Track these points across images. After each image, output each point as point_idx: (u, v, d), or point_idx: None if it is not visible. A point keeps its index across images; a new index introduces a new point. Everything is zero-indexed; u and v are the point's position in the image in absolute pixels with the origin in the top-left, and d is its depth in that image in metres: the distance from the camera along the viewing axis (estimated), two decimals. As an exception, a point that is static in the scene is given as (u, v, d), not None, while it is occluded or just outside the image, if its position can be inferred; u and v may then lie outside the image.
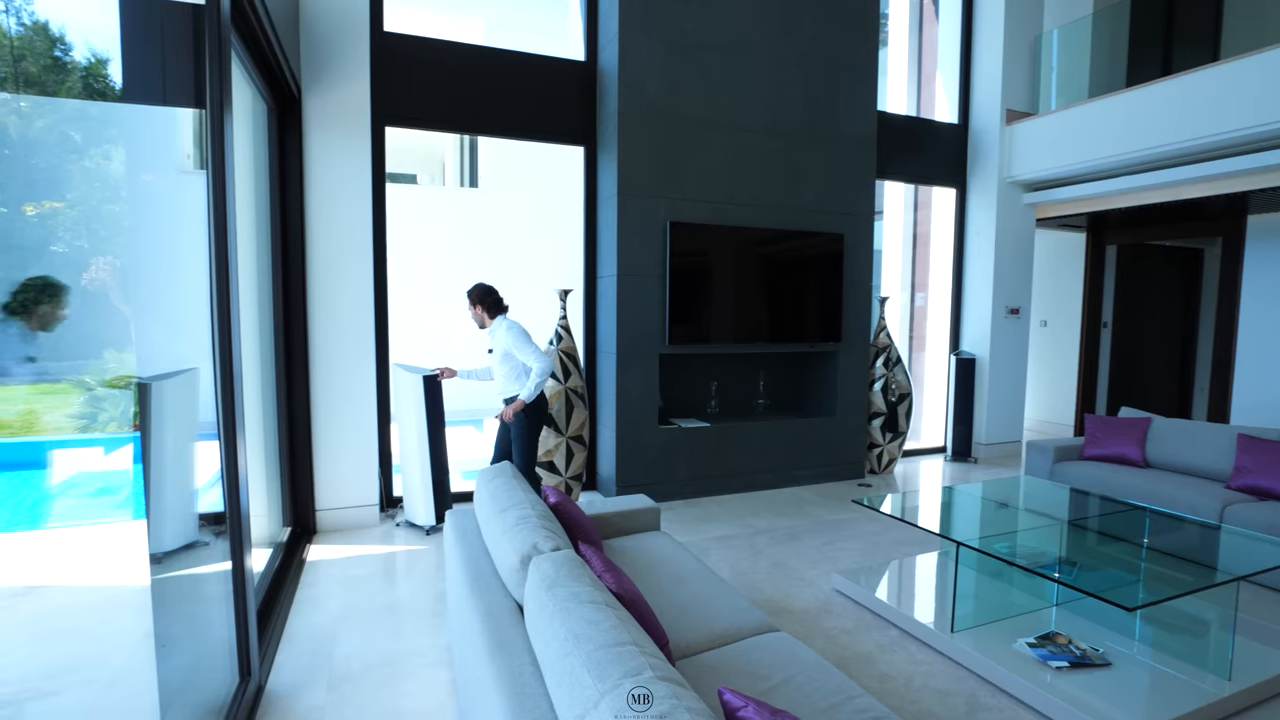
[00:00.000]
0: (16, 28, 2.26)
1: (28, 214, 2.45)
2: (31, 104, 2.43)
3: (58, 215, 2.53)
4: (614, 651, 1.20)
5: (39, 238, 2.49)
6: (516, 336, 3.79)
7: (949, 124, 6.40)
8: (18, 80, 2.31)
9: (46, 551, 3.41)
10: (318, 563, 3.64)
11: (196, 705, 2.19)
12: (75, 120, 2.61)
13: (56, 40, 2.38)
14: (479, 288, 3.94)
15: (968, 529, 3.24)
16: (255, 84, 3.36)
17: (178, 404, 2.38)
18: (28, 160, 2.47)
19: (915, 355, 7.16)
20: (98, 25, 2.39)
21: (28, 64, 2.32)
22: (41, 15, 2.29)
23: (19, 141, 2.43)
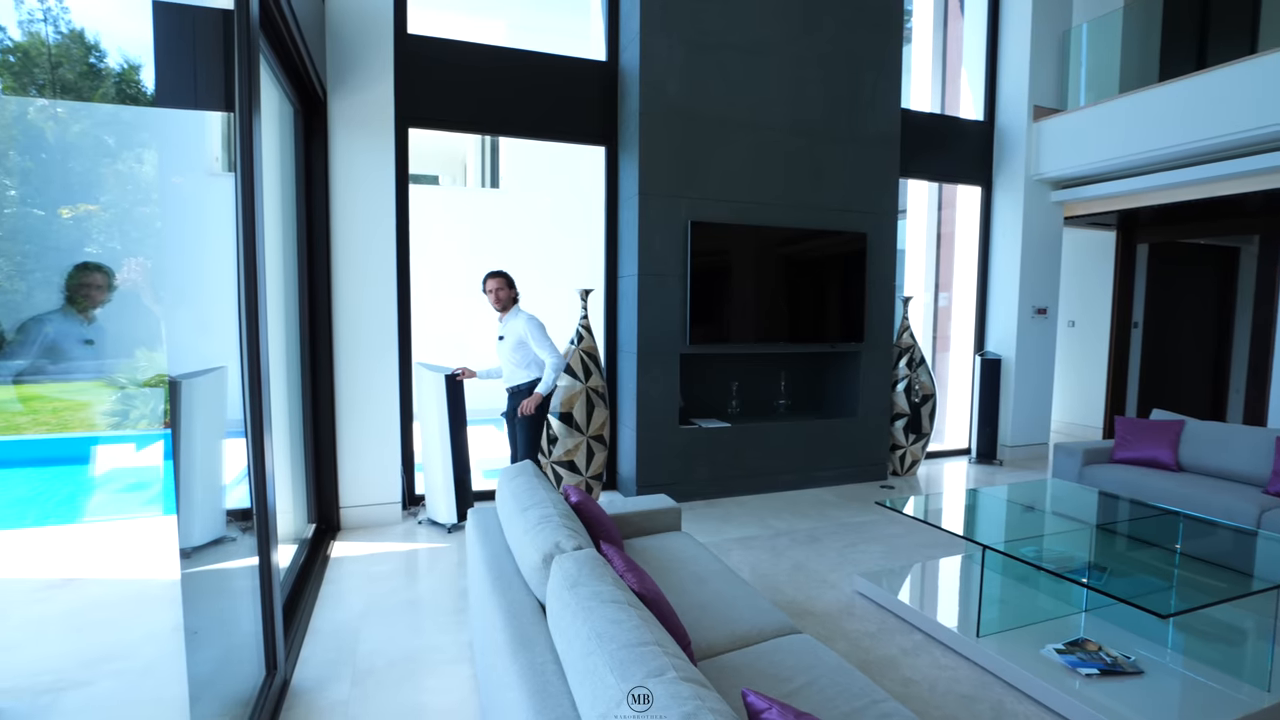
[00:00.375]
0: (54, 36, 2.31)
1: (64, 216, 2.52)
2: (68, 109, 2.49)
3: (92, 217, 2.59)
4: (637, 651, 1.20)
5: (74, 239, 2.55)
6: (535, 328, 3.90)
7: (974, 121, 6.30)
8: (55, 87, 2.37)
9: (82, 545, 3.50)
10: (342, 559, 3.69)
11: (224, 698, 2.23)
12: (109, 125, 2.67)
13: (91, 47, 2.44)
14: (508, 273, 4.06)
15: (993, 532, 3.20)
16: (282, 87, 3.41)
17: (207, 401, 2.42)
18: (64, 164, 2.53)
19: (939, 356, 7.07)
20: (131, 32, 2.45)
21: (64, 71, 2.37)
22: (77, 23, 2.34)
23: (56, 146, 2.49)
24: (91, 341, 2.22)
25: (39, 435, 3.34)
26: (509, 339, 3.98)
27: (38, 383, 2.63)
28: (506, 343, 4.00)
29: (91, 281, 2.20)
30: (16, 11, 2.22)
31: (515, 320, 3.97)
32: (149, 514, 4.06)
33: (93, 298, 2.19)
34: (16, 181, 2.38)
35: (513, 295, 4.03)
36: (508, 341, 3.99)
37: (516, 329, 3.95)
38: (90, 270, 2.21)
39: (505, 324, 4.02)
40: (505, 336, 4.00)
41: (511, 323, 3.98)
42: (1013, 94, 6.14)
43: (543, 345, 3.88)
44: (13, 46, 2.20)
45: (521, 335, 3.92)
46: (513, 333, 3.96)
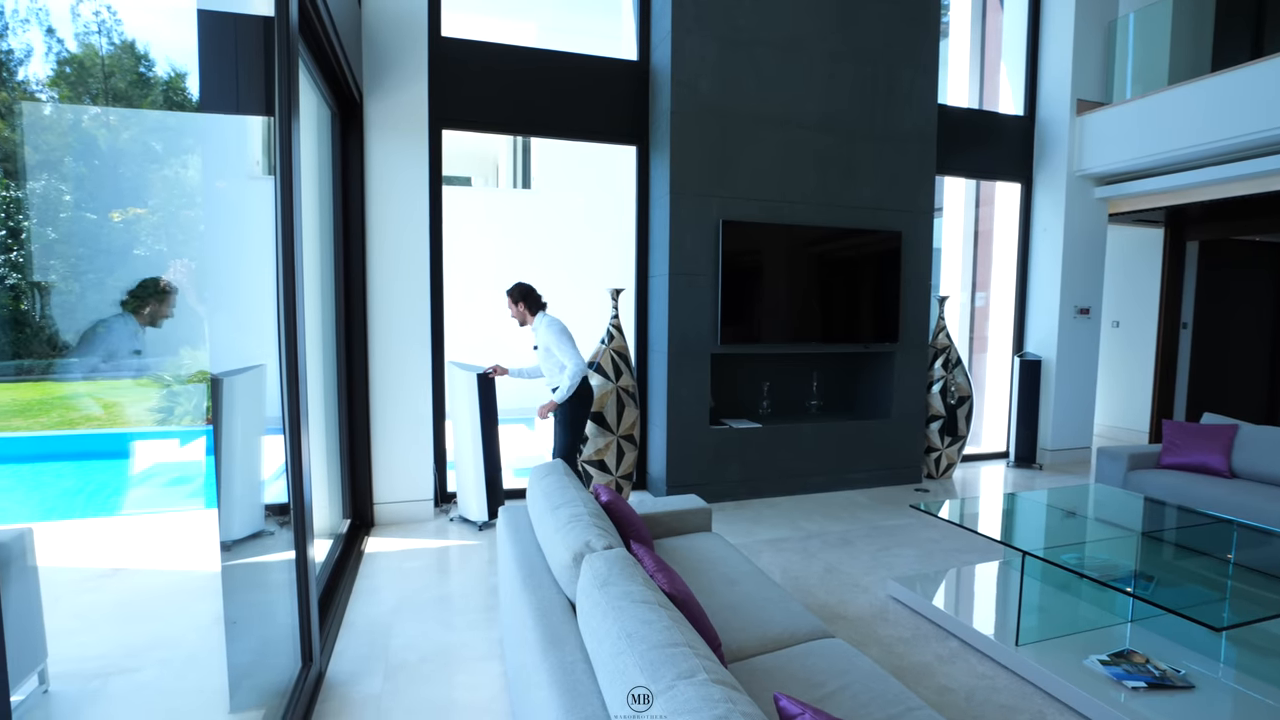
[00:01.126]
0: (107, 47, 2.39)
1: (114, 220, 2.60)
2: (119, 116, 2.57)
3: (140, 221, 2.67)
4: (667, 652, 1.19)
5: (124, 242, 2.63)
6: (556, 334, 3.92)
7: (1014, 116, 6.15)
8: (108, 95, 2.45)
9: (128, 536, 3.62)
10: (375, 554, 3.75)
11: (262, 688, 2.27)
12: (156, 131, 2.75)
13: (141, 57, 2.51)
14: (519, 287, 4.07)
15: (1032, 538, 3.11)
16: (320, 91, 3.48)
17: (247, 398, 2.48)
18: (115, 169, 2.61)
19: (976, 357, 6.91)
20: (177, 40, 2.52)
21: (116, 80, 2.44)
22: (128, 34, 2.41)
23: (108, 152, 2.57)
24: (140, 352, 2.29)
25: (89, 430, 3.46)
26: (540, 347, 4.04)
27: (90, 380, 2.72)
28: (540, 352, 4.06)
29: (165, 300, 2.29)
30: (74, 24, 2.30)
31: (539, 328, 4.02)
32: (192, 507, 4.18)
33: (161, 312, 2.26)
34: (71, 187, 2.46)
35: (524, 310, 4.04)
36: (540, 350, 4.05)
37: (542, 338, 4.00)
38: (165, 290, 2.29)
39: (535, 333, 4.07)
40: (538, 346, 4.06)
41: (539, 331, 4.03)
42: (1054, 87, 5.97)
43: (563, 350, 3.91)
44: (69, 58, 2.27)
45: (547, 343, 3.97)
46: (541, 341, 4.02)
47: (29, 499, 3.58)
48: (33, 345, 2.31)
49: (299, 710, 2.23)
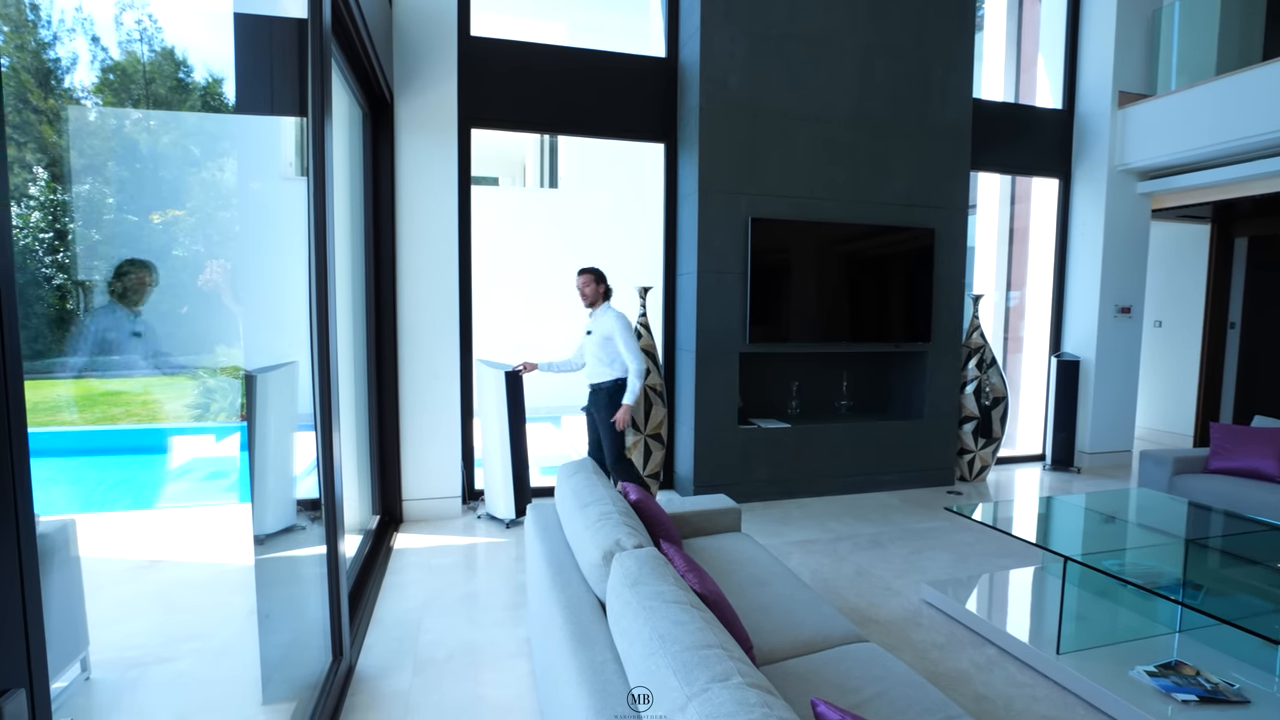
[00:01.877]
0: (148, 54, 2.43)
1: (154, 222, 2.65)
2: (159, 121, 2.62)
3: (179, 222, 2.72)
4: (701, 654, 1.16)
5: (163, 243, 2.68)
6: (624, 328, 3.92)
7: (1052, 110, 5.98)
8: (149, 101, 2.50)
9: (165, 529, 3.70)
10: (404, 550, 3.78)
11: (294, 681, 2.30)
12: (194, 135, 2.80)
13: (180, 63, 2.56)
14: (599, 270, 4.10)
15: (1070, 543, 3.00)
16: (352, 91, 3.51)
17: (280, 395, 2.50)
18: (155, 173, 2.67)
19: (1011, 357, 6.74)
20: (214, 45, 2.56)
21: (156, 86, 2.49)
22: (168, 42, 2.46)
23: (148, 156, 2.62)
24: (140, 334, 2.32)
25: (130, 426, 3.54)
26: (596, 334, 4.00)
27: (129, 376, 2.78)
28: (593, 338, 4.01)
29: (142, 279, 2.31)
30: (117, 33, 2.35)
31: (604, 316, 3.98)
32: (226, 501, 4.26)
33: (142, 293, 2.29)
34: (114, 190, 2.52)
35: (601, 291, 4.04)
36: (594, 337, 4.01)
37: (604, 325, 3.96)
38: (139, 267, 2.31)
39: (594, 319, 4.04)
40: (593, 331, 4.02)
41: (600, 319, 3.99)
42: (1095, 79, 5.80)
43: (629, 348, 3.89)
44: (113, 65, 2.32)
45: (609, 332, 3.93)
46: (600, 329, 3.98)
47: (73, 491, 3.68)
48: (78, 343, 2.36)
49: (330, 703, 2.25)
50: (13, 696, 0.64)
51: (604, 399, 4.00)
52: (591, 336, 4.03)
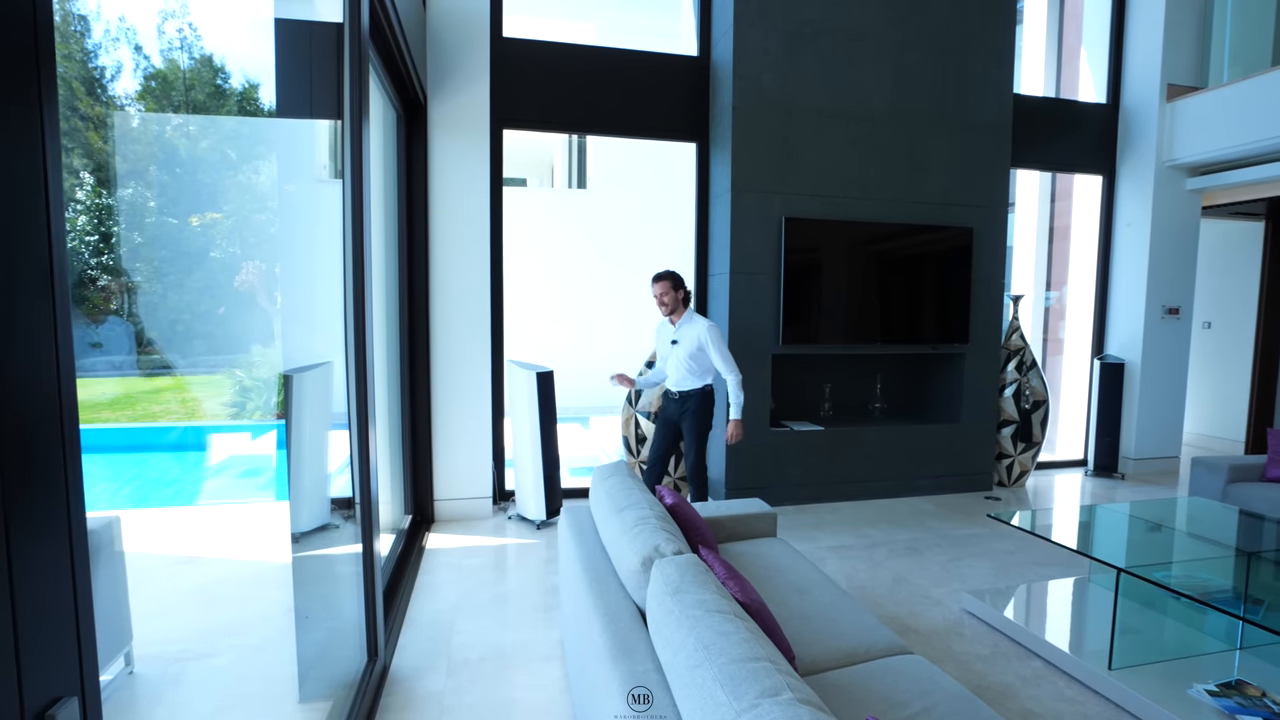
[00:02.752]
0: (187, 62, 2.47)
1: (193, 224, 2.69)
2: (198, 126, 2.66)
3: (216, 225, 2.76)
4: (749, 667, 1.13)
5: (201, 245, 2.72)
6: (717, 339, 3.70)
7: (1095, 104, 5.80)
8: (188, 107, 2.53)
9: (203, 526, 3.77)
10: (436, 550, 3.79)
11: (330, 680, 2.31)
12: (231, 139, 2.84)
13: (218, 69, 2.59)
14: (677, 275, 3.85)
15: (1116, 552, 2.89)
16: (387, 93, 3.54)
17: (315, 394, 2.52)
18: (194, 176, 2.71)
19: (1051, 359, 6.56)
20: (252, 51, 2.59)
21: (195, 92, 2.53)
22: (207, 49, 2.49)
23: (188, 160, 2.66)
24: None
25: (169, 423, 3.61)
26: (684, 344, 3.78)
27: (169, 375, 2.82)
28: (681, 348, 3.79)
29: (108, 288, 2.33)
30: (159, 41, 2.39)
31: (692, 325, 3.77)
32: (263, 499, 4.33)
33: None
34: (155, 193, 2.56)
35: (681, 297, 3.82)
36: (683, 347, 3.79)
37: (695, 335, 3.75)
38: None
39: (680, 329, 3.83)
40: (679, 342, 3.81)
41: (688, 328, 3.79)
42: (1142, 72, 5.61)
43: (725, 360, 3.68)
44: (154, 72, 2.35)
45: (701, 343, 3.72)
46: (689, 339, 3.76)
47: (116, 488, 3.76)
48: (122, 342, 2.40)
49: (365, 703, 2.25)
50: (65, 704, 0.63)
51: (694, 405, 3.79)
52: (679, 347, 3.80)
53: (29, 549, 0.60)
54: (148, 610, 2.61)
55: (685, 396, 3.82)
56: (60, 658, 0.65)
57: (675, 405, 3.87)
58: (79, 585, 0.68)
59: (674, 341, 3.83)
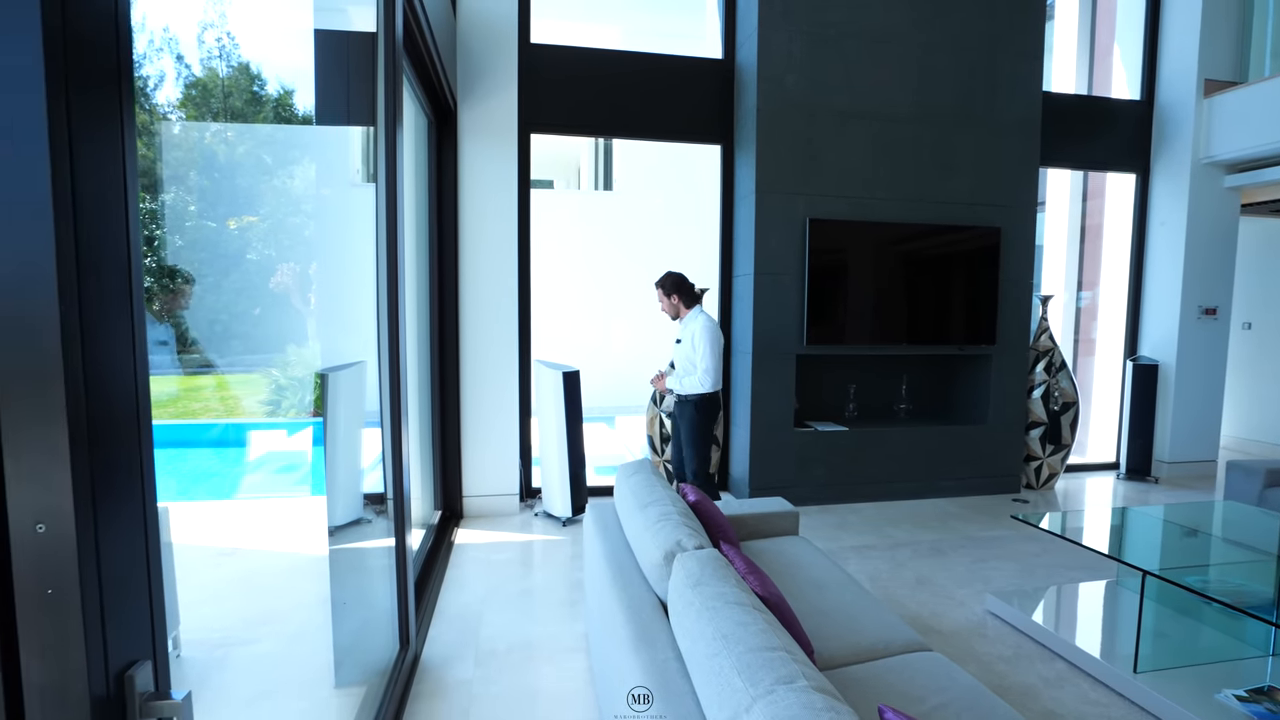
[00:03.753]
0: (226, 70, 2.58)
1: (230, 228, 2.80)
2: (236, 132, 2.77)
3: (253, 228, 2.87)
4: (765, 656, 1.17)
5: (238, 247, 2.83)
6: (708, 337, 3.62)
7: (1128, 101, 5.70)
8: (227, 114, 2.64)
9: (242, 519, 3.91)
10: (464, 546, 3.89)
11: (364, 667, 2.40)
12: (267, 144, 2.95)
13: (255, 77, 2.70)
14: (670, 278, 3.78)
15: (1147, 556, 2.86)
16: (419, 101, 3.64)
17: (349, 393, 2.62)
18: (232, 181, 2.82)
19: (1082, 360, 6.45)
20: (288, 59, 2.69)
21: (234, 99, 2.63)
22: (244, 57, 2.60)
23: (226, 165, 2.77)
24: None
25: (209, 420, 3.75)
26: (685, 343, 3.73)
27: (209, 373, 2.94)
28: (683, 346, 3.75)
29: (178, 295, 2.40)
30: (199, 51, 2.49)
31: (693, 323, 3.71)
32: (299, 494, 4.46)
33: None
34: (195, 198, 2.67)
35: (677, 302, 3.74)
36: (683, 345, 3.74)
37: (690, 333, 3.69)
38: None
39: (683, 326, 3.78)
40: (682, 340, 3.77)
41: (690, 325, 3.72)
42: (1178, 67, 5.49)
43: (707, 357, 3.60)
44: (195, 81, 2.46)
45: (693, 337, 3.66)
46: (688, 337, 3.71)
47: (162, 481, 3.92)
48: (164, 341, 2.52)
49: (397, 690, 2.34)
50: (141, 666, 0.70)
51: (689, 410, 3.72)
52: (681, 346, 3.77)
53: (113, 530, 0.68)
54: (192, 598, 2.73)
55: (682, 401, 3.75)
56: (136, 626, 0.72)
57: (676, 408, 3.87)
58: (151, 563, 0.76)
59: (678, 340, 3.80)
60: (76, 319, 0.61)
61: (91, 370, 0.64)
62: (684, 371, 3.75)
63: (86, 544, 0.63)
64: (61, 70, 0.60)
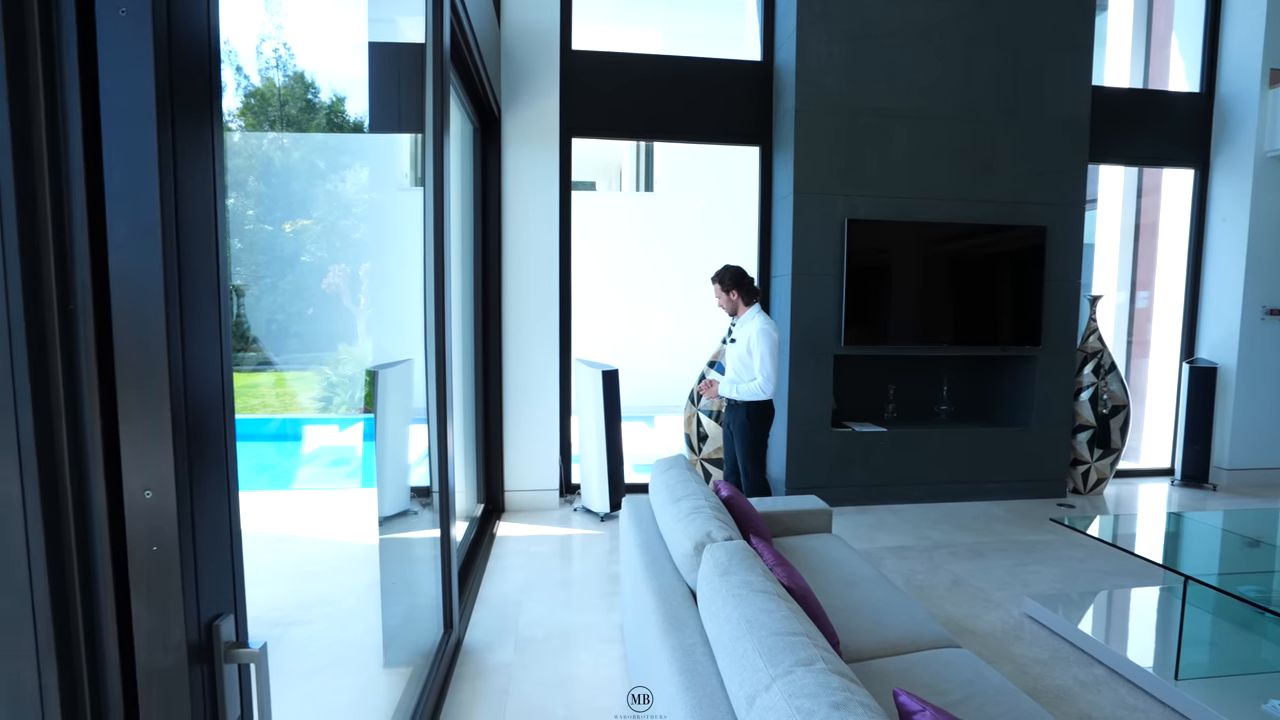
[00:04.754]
0: (282, 79, 2.73)
1: (286, 231, 2.96)
2: (291, 139, 2.93)
3: (306, 231, 3.03)
4: (786, 640, 1.23)
5: (293, 250, 3.00)
6: (767, 342, 3.42)
7: (1186, 94, 5.50)
8: (283, 121, 2.80)
9: (297, 508, 4.11)
10: (506, 538, 4.02)
11: (410, 648, 2.53)
12: (320, 150, 3.11)
13: (309, 85, 2.85)
14: (729, 273, 3.56)
15: (1201, 564, 2.79)
16: (465, 109, 3.78)
17: (398, 389, 2.75)
18: (287, 186, 2.98)
19: (1135, 362, 6.25)
20: (339, 67, 2.83)
21: (289, 108, 2.79)
22: (299, 66, 2.75)
23: (281, 171, 2.94)
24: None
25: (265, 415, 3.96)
26: (740, 343, 3.52)
27: (263, 371, 3.12)
28: (736, 346, 3.55)
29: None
30: (257, 61, 2.65)
31: (749, 324, 3.49)
32: (350, 486, 4.67)
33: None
34: (253, 203, 2.84)
35: (737, 298, 3.54)
36: (737, 345, 3.54)
37: (746, 334, 3.47)
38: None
39: (739, 326, 3.56)
40: (736, 340, 3.56)
41: (746, 326, 3.51)
42: (1241, 57, 5.28)
43: (765, 363, 3.40)
44: (253, 90, 2.62)
45: (750, 341, 3.44)
46: (743, 337, 3.49)
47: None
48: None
49: (441, 671, 2.46)
50: (225, 619, 0.81)
51: (742, 418, 3.52)
52: (734, 346, 3.55)
53: (204, 499, 0.78)
54: (251, 579, 2.90)
55: (734, 405, 3.57)
56: (221, 583, 0.83)
57: (729, 413, 3.69)
58: (234, 531, 0.87)
59: (730, 340, 3.59)
60: (178, 318, 0.72)
61: (189, 363, 0.74)
62: (737, 375, 3.56)
63: (184, 510, 0.73)
64: (168, 100, 0.70)
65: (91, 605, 0.71)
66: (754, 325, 3.46)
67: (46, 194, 0.67)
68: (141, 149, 0.68)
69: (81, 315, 0.68)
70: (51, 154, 0.67)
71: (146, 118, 0.68)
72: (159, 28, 0.68)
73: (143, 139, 0.68)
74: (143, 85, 0.68)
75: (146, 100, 0.68)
